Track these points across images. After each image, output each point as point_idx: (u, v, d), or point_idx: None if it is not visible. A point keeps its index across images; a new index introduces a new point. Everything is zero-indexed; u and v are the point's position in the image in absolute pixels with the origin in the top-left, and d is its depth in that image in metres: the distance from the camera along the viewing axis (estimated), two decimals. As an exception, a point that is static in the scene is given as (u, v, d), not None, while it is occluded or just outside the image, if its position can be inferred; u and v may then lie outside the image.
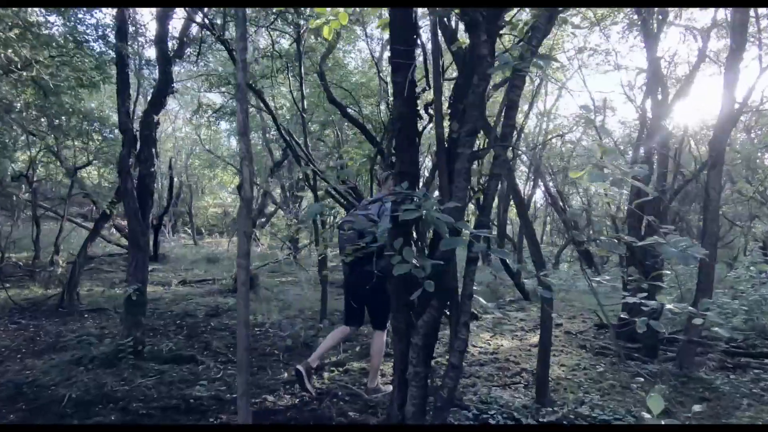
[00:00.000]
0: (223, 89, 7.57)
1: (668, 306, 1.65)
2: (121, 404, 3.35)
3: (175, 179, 19.59)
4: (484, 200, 1.71)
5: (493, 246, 1.39)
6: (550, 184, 16.93)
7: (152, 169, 4.52)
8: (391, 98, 7.17)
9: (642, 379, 4.23)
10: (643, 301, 1.62)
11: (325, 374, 4.20)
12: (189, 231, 19.81)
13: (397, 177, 1.85)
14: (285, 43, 6.94)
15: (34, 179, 12.08)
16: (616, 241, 1.59)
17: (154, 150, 4.57)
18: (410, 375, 1.74)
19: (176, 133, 18.82)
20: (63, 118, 8.83)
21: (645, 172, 1.33)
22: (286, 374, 4.21)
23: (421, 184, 3.68)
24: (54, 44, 5.47)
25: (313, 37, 6.64)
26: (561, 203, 17.15)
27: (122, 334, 4.23)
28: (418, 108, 1.91)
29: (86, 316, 6.13)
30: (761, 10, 6.38)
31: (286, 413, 3.37)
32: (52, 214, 11.85)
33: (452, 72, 3.68)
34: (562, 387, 3.99)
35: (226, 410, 3.38)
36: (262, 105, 6.82)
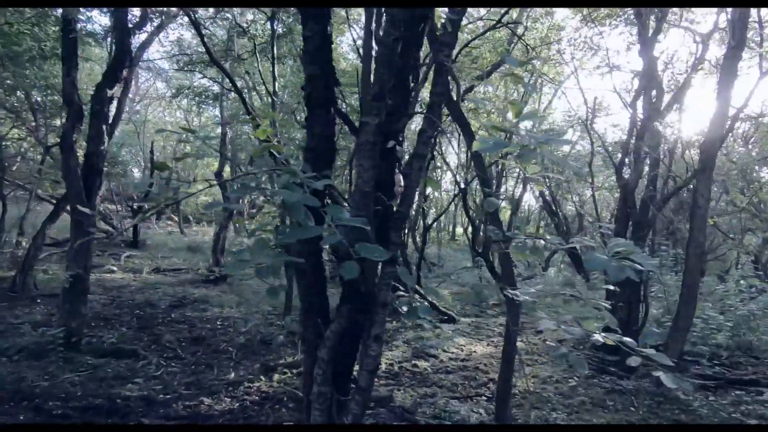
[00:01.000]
0: (199, 70, 7.22)
1: (596, 336, 1.33)
2: (36, 402, 3.03)
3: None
4: (406, 187, 1.40)
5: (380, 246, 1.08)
6: (544, 187, 16.64)
7: (101, 148, 4.18)
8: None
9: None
10: (566, 328, 1.32)
11: (276, 376, 3.89)
12: (176, 218, 19.44)
13: (305, 154, 1.54)
14: (263, 22, 6.59)
15: (19, 156, 11.67)
16: (541, 242, 1.28)
17: (105, 126, 4.23)
18: (313, 396, 1.44)
19: (167, 118, 18.41)
20: (35, 92, 8.47)
21: (562, 138, 1.03)
22: (233, 374, 3.90)
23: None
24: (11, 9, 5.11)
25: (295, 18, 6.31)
26: (554, 207, 16.88)
27: (57, 324, 3.91)
28: (335, 70, 1.59)
29: (39, 301, 5.80)
30: (763, 14, 6.09)
31: (219, 419, 3.06)
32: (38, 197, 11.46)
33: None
34: (529, 402, 3.69)
35: (153, 413, 3.07)
36: (257, 86, 6.46)
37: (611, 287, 2.38)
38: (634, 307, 4.94)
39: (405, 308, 1.14)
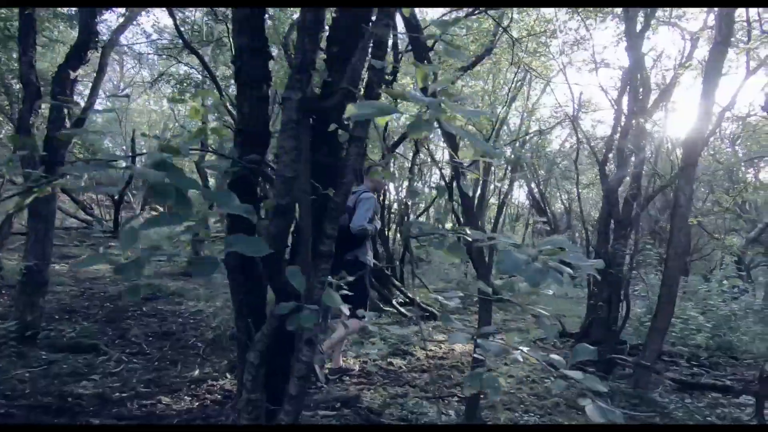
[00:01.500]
0: (175, 55, 6.98)
1: (516, 354, 1.19)
2: (-21, 399, 2.86)
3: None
4: (341, 174, 1.26)
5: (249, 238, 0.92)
6: (532, 184, 16.63)
7: (62, 132, 3.97)
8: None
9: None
10: (481, 342, 1.18)
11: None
12: (162, 208, 19.09)
13: (236, 136, 1.39)
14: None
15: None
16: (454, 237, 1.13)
17: (67, 110, 4.03)
18: (242, 403, 1.30)
19: (151, 106, 18.04)
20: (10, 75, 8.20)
21: (477, 109, 0.90)
22: (197, 371, 3.75)
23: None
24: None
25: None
26: (542, 204, 16.87)
27: (13, 316, 3.73)
28: (269, 42, 1.44)
29: (3, 292, 5.58)
30: (751, 11, 6.02)
31: (175, 419, 2.92)
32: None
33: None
34: (502, 403, 3.59)
35: (106, 412, 2.91)
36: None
37: (539, 292, 2.25)
38: (614, 306, 4.87)
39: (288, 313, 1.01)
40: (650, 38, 6.97)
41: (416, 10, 3.83)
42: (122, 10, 6.19)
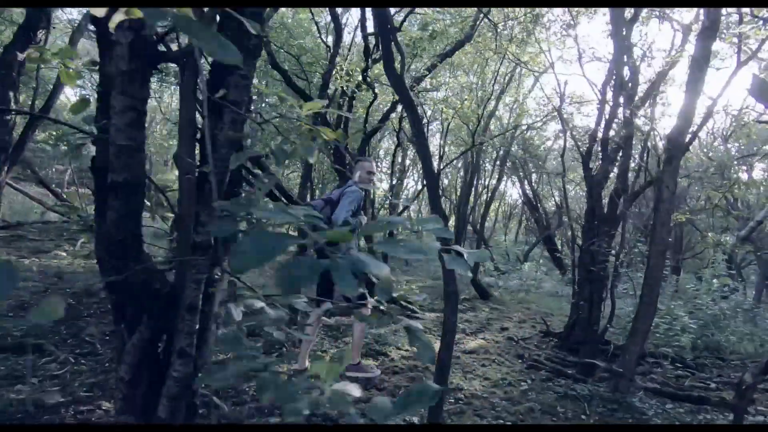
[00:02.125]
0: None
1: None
2: None
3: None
4: (218, 147, 1.03)
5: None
6: (525, 182, 16.44)
7: (7, 117, 3.72)
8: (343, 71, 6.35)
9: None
10: (293, 381, 0.92)
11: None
12: (148, 203, 18.78)
13: (97, 101, 1.17)
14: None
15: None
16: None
17: (12, 94, 3.76)
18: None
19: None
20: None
21: None
22: (149, 373, 3.51)
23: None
24: None
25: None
26: (534, 201, 16.70)
27: (-50, 314, 3.46)
28: None
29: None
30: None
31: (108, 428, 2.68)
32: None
33: None
34: (472, 408, 3.38)
35: (33, 420, 2.67)
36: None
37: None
38: (596, 305, 4.67)
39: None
40: (641, 30, 6.76)
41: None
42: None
